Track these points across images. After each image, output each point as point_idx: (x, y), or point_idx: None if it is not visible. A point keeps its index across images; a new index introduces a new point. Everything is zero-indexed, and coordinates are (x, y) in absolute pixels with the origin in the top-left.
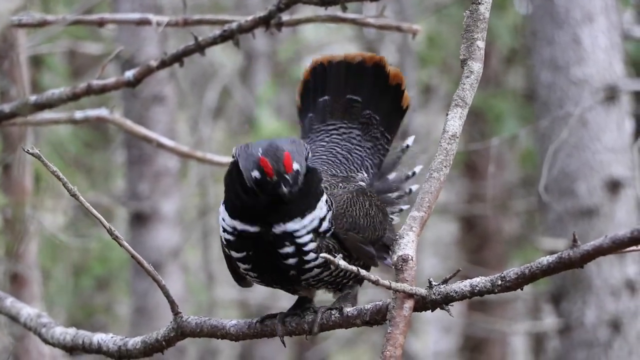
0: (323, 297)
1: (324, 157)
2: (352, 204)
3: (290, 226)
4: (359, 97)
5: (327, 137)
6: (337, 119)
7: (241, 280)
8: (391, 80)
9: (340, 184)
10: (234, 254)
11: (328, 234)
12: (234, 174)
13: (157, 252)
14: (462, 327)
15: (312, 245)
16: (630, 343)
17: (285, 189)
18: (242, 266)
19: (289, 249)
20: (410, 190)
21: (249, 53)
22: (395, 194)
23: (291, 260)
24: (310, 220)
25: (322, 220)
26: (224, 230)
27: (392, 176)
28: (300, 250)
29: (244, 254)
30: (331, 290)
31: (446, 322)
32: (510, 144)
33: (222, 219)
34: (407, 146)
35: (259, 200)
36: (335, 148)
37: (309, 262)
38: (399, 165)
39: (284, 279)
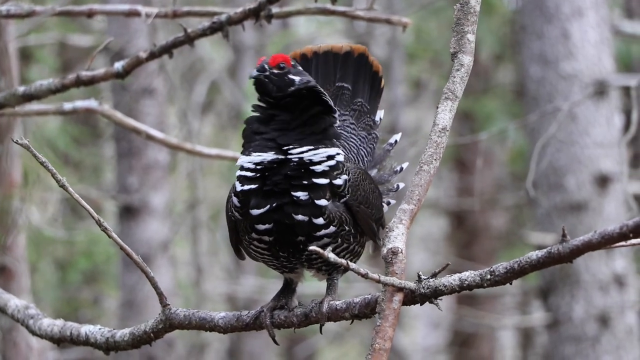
0: (306, 289)
1: None
2: (363, 178)
3: (306, 154)
4: (349, 85)
5: None
6: None
7: (239, 251)
8: (374, 69)
9: (348, 163)
10: (255, 211)
11: (342, 200)
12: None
13: (146, 245)
14: (451, 322)
15: (323, 202)
16: (618, 338)
17: (253, 73)
18: (257, 230)
19: (302, 194)
20: (398, 186)
21: (238, 47)
22: (384, 187)
23: (301, 217)
24: (325, 154)
25: (339, 163)
26: (244, 171)
27: (381, 169)
28: (312, 204)
29: (262, 210)
30: (324, 273)
31: (435, 317)
32: (500, 141)
33: (239, 167)
34: (396, 141)
35: (263, 110)
36: None
37: (318, 227)
38: (388, 158)
39: (292, 246)
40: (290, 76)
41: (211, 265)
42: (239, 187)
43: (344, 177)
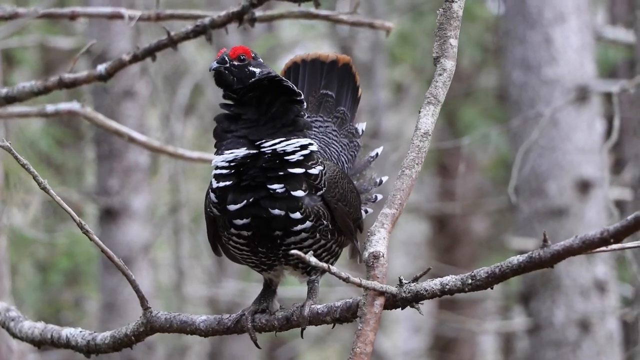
0: (286, 292)
1: None
2: (341, 177)
3: (278, 145)
4: (333, 93)
5: None
6: (312, 112)
7: (216, 248)
8: (356, 79)
9: (327, 161)
10: (232, 207)
11: (319, 193)
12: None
13: (127, 248)
14: (432, 327)
15: (300, 193)
16: (599, 343)
17: (213, 65)
18: (234, 225)
19: (278, 186)
20: (376, 197)
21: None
22: (363, 196)
23: (277, 211)
24: (297, 144)
25: (312, 153)
26: (219, 169)
27: (362, 178)
28: (289, 197)
29: (239, 206)
30: (302, 272)
31: (416, 322)
32: (482, 147)
33: (214, 167)
34: (377, 154)
35: (229, 108)
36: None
37: (295, 221)
38: (369, 169)
39: (270, 242)
40: (251, 68)
41: (193, 268)
42: (214, 184)
43: (319, 167)
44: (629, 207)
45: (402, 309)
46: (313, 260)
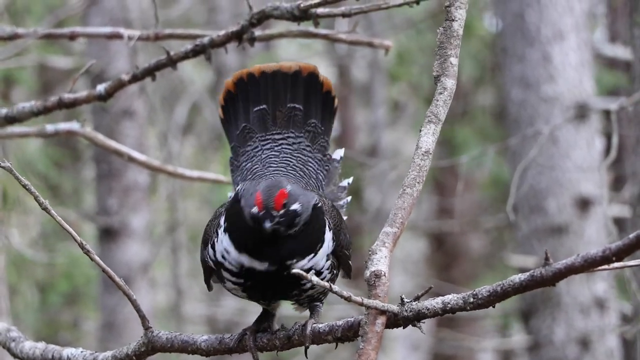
0: (287, 311)
1: (283, 169)
2: (340, 220)
3: (306, 264)
4: (300, 106)
5: (277, 146)
6: (282, 128)
7: (211, 286)
8: (325, 88)
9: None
10: (232, 278)
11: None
12: (238, 209)
13: (126, 267)
14: (431, 345)
15: (326, 273)
16: None
17: (267, 225)
18: (232, 287)
19: (300, 289)
20: (346, 201)
21: (219, 69)
22: (337, 204)
23: (297, 290)
24: (322, 255)
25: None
26: (224, 258)
27: (332, 186)
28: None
29: (242, 280)
30: (304, 304)
31: (414, 340)
32: (477, 165)
33: (225, 249)
34: (341, 157)
35: (262, 236)
36: (291, 160)
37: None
38: (337, 175)
39: (280, 296)
40: (292, 208)
41: (191, 287)
42: (224, 274)
43: (332, 246)
44: (629, 224)
45: (403, 328)
46: (315, 279)
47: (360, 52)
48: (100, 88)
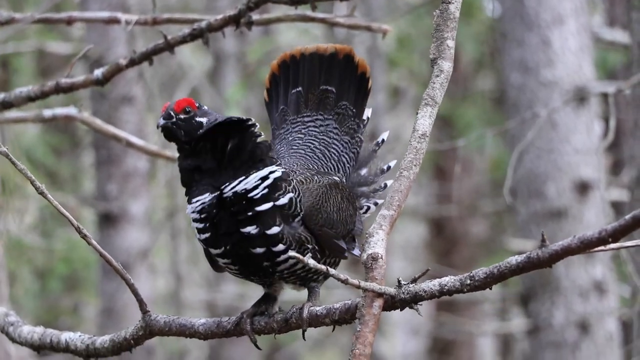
0: (287, 295)
1: (302, 151)
2: (326, 199)
3: (238, 186)
4: (333, 88)
5: (304, 129)
6: (312, 110)
7: (218, 267)
8: (360, 69)
9: (316, 177)
10: (213, 250)
11: (297, 219)
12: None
13: (126, 253)
14: (430, 329)
15: (275, 229)
16: (598, 344)
17: (160, 122)
18: (221, 261)
19: (251, 228)
20: (385, 185)
21: (218, 54)
22: (370, 187)
23: (259, 250)
24: (256, 177)
25: (276, 182)
26: (194, 221)
27: (366, 169)
28: (265, 235)
29: (222, 249)
30: (300, 285)
31: (414, 324)
32: (478, 149)
33: (188, 212)
34: (383, 140)
35: (187, 161)
36: (313, 142)
37: (278, 253)
38: (374, 159)
39: (260, 271)
40: (198, 119)
41: (190, 273)
42: (197, 236)
43: (289, 195)
44: (627, 208)
45: (400, 310)
46: (311, 262)
47: (360, 37)
48: (98, 73)
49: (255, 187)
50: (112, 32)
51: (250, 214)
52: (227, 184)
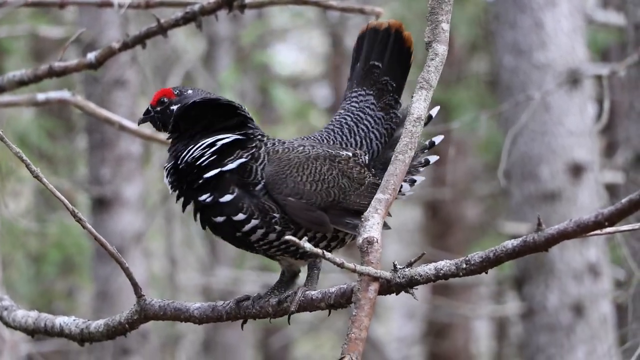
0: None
1: (331, 126)
2: (301, 168)
3: (188, 155)
4: (380, 64)
5: (347, 104)
6: (358, 86)
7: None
8: (407, 44)
9: (306, 148)
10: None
11: (258, 187)
12: None
13: (120, 237)
14: (426, 313)
15: (228, 197)
16: (592, 327)
17: (140, 117)
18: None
19: (205, 195)
20: (427, 161)
21: (212, 38)
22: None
23: (219, 218)
24: (203, 144)
25: (223, 147)
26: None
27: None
28: (220, 204)
29: (196, 219)
30: (299, 259)
31: (410, 308)
32: (472, 131)
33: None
34: (431, 117)
35: (171, 148)
36: (345, 118)
37: (242, 222)
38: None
39: (242, 244)
40: (172, 107)
41: (185, 257)
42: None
43: (239, 160)
44: (621, 190)
45: (396, 294)
46: (307, 245)
47: (353, 20)
48: (91, 56)
49: (202, 155)
50: (105, 15)
51: (200, 182)
52: (182, 153)
